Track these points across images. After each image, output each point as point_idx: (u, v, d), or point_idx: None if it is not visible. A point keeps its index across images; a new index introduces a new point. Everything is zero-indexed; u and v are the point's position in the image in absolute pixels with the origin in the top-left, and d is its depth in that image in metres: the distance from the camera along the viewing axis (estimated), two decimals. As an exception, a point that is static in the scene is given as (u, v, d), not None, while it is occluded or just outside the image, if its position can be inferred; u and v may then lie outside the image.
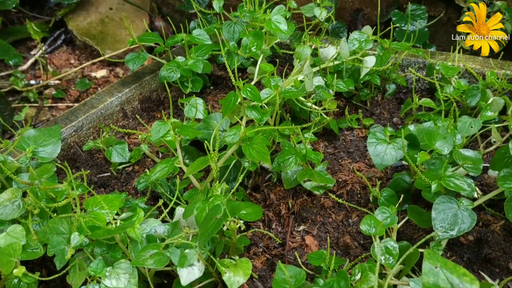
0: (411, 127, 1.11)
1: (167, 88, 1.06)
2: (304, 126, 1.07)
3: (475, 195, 1.05)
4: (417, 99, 1.25)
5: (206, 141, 1.01)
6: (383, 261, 0.86)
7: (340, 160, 1.22)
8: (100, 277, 0.83)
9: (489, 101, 1.21)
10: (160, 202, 1.00)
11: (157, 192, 1.13)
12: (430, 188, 0.96)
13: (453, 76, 1.31)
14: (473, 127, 1.15)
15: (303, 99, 1.25)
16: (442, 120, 1.16)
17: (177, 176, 1.00)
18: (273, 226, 1.08)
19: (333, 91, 1.27)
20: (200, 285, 0.86)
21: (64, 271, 0.85)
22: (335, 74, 1.29)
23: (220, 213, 0.80)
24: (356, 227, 1.04)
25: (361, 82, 1.40)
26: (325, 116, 1.27)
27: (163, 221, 0.97)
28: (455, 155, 1.04)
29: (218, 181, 0.95)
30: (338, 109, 1.39)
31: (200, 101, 1.29)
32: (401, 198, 1.01)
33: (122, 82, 1.58)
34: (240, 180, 0.99)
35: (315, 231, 1.05)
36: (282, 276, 0.74)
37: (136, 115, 1.31)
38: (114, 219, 0.88)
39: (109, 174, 1.30)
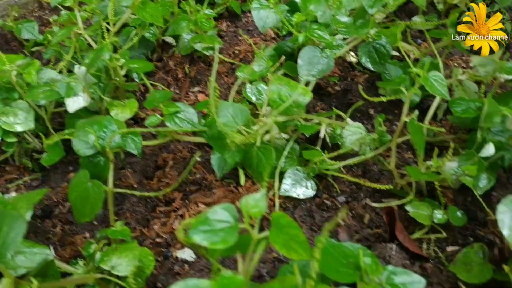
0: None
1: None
2: None
3: (348, 59, 1.20)
4: (310, -20, 1.36)
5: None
6: (254, 100, 1.00)
7: (239, 37, 1.33)
8: (-2, 115, 0.93)
9: (373, -20, 1.33)
10: (62, 64, 1.09)
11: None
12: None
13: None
14: (354, 1, 1.27)
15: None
16: (330, -2, 1.28)
17: (75, 39, 1.09)
18: (171, 89, 1.19)
19: (235, -27, 1.36)
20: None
21: (-34, 111, 0.94)
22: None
23: (105, 52, 0.90)
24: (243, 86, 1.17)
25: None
26: (227, -4, 1.37)
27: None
28: (332, 22, 1.17)
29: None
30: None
31: (107, -17, 1.35)
32: (281, 58, 1.14)
33: (37, -26, 1.59)
34: (135, 41, 1.09)
35: (208, 91, 1.17)
36: (152, 97, 0.87)
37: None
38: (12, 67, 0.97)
39: (23, 56, 1.36)
